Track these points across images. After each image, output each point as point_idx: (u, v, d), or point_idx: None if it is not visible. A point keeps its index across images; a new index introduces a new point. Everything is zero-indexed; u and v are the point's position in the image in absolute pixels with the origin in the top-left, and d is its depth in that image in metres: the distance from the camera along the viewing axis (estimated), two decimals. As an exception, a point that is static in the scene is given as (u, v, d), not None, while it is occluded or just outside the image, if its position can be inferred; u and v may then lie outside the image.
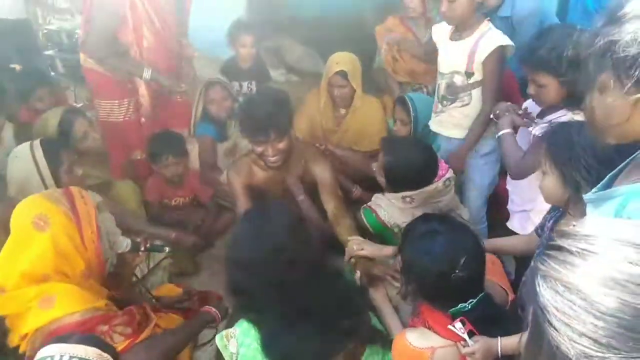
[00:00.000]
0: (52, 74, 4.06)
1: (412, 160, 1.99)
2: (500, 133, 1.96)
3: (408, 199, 2.00)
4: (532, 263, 0.76)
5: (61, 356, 1.18)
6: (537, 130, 1.78)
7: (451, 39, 2.25)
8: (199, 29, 3.79)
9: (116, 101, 2.66)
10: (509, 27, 2.66)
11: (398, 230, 1.99)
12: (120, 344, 1.45)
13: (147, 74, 2.54)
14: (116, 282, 1.85)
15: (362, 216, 2.12)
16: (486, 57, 2.13)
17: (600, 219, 0.84)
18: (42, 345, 1.31)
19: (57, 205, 1.57)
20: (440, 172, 2.03)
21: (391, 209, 2.05)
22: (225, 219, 2.79)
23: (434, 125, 2.44)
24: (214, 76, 3.09)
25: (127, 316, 1.54)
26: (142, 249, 2.00)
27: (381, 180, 2.09)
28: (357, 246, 1.91)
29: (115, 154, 2.73)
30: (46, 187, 1.96)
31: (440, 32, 2.33)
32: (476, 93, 2.22)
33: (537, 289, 0.59)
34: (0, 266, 1.51)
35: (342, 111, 2.99)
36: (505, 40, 2.13)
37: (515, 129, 2.00)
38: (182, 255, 2.50)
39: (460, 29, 2.20)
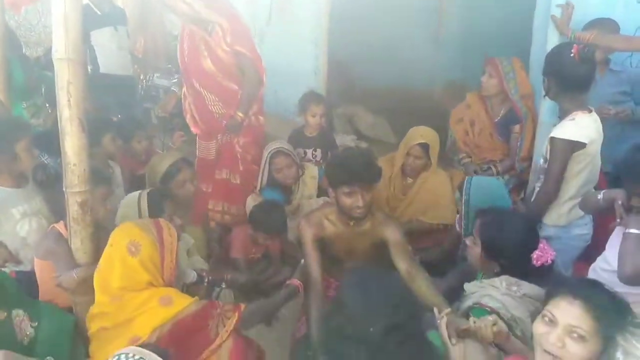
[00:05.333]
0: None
1: (510, 224, 1.93)
2: (633, 232, 1.75)
3: (514, 287, 1.84)
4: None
5: (133, 355, 1.36)
6: None
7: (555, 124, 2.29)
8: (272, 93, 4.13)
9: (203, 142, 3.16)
10: (622, 81, 2.72)
11: (515, 325, 1.78)
12: (233, 318, 1.78)
13: None
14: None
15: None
16: (550, 141, 2.15)
17: None
18: (170, 334, 1.66)
19: (148, 235, 1.81)
20: (542, 253, 1.88)
21: (504, 298, 1.83)
22: (285, 272, 2.87)
23: None
24: (283, 139, 3.28)
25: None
26: (206, 282, 2.30)
27: (475, 250, 1.99)
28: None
29: (199, 204, 3.04)
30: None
31: None
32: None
33: None
34: (100, 280, 1.80)
35: (409, 180, 3.06)
36: (571, 136, 2.08)
37: None
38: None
39: (561, 115, 2.22)
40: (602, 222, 2.22)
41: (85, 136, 1.79)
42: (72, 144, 1.77)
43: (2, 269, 2.21)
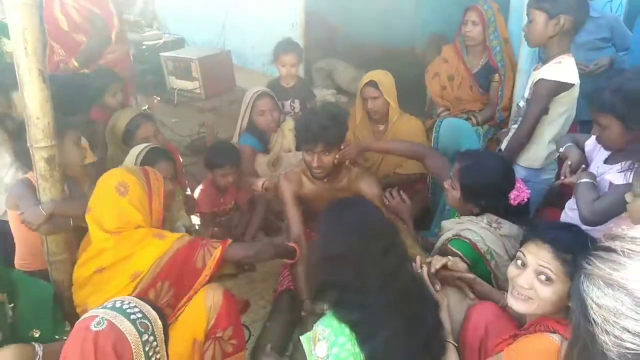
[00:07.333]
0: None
1: (489, 167, 1.94)
2: (582, 181, 1.84)
3: (494, 225, 1.88)
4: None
5: (129, 302, 1.35)
6: (614, 177, 1.74)
7: (535, 68, 2.24)
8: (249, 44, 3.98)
9: None
10: (601, 27, 2.71)
11: (491, 258, 1.83)
12: (217, 250, 1.82)
13: None
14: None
15: (453, 249, 1.86)
16: (535, 83, 2.13)
17: None
18: (168, 267, 1.73)
19: (136, 177, 1.85)
20: (518, 193, 1.90)
21: (482, 231, 1.87)
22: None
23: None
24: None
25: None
26: None
27: (454, 194, 1.98)
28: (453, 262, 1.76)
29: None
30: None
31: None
32: None
33: (580, 286, 0.62)
34: (94, 220, 1.79)
35: (381, 127, 2.98)
36: (560, 77, 2.06)
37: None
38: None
39: (546, 60, 2.18)
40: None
41: (47, 87, 1.68)
42: (33, 96, 1.66)
43: None
